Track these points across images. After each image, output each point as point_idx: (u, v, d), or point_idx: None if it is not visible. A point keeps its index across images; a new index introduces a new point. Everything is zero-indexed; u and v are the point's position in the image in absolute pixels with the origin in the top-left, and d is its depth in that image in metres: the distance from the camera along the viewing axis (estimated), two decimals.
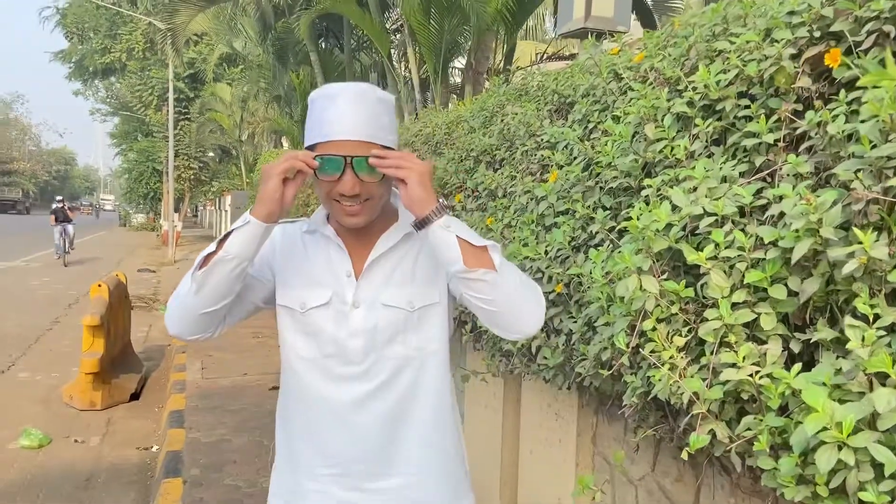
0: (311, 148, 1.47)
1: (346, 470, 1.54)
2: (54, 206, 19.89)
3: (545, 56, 7.92)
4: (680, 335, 1.51)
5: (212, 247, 1.45)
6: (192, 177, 25.25)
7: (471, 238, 1.39)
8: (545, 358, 2.28)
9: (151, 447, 5.28)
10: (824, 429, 1.10)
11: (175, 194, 23.08)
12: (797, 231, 1.26)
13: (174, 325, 1.52)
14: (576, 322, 2.12)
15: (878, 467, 1.09)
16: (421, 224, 1.41)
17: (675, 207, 1.58)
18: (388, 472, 1.54)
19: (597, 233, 2.07)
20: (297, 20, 9.98)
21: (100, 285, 6.58)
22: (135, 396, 6.54)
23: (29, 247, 23.72)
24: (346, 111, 1.43)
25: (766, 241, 1.35)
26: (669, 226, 1.58)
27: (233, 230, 1.43)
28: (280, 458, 1.66)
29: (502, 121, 3.14)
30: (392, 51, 9.73)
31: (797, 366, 1.23)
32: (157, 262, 19.45)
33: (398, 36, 9.98)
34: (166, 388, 6.66)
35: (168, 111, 21.25)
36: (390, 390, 1.53)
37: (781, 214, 1.35)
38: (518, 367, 2.59)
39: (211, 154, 29.68)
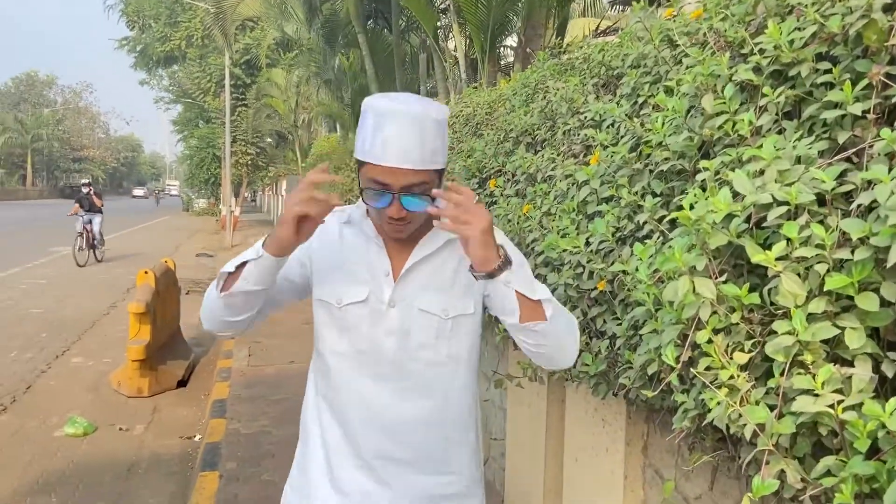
0: (360, 163, 1.44)
1: (370, 464, 1.56)
2: (83, 190, 15.99)
3: (598, 31, 7.53)
4: (742, 350, 1.25)
5: (231, 266, 1.46)
6: (250, 162, 25.52)
7: (528, 291, 1.39)
8: (586, 364, 2.03)
9: (194, 436, 5.23)
10: None
11: (233, 179, 23.40)
12: (895, 226, 0.98)
13: (207, 324, 1.57)
14: (620, 324, 1.86)
15: None
16: (481, 277, 1.40)
17: (736, 194, 1.31)
18: (417, 469, 1.56)
19: (644, 223, 1.81)
20: (343, 1, 9.81)
21: (146, 272, 6.58)
22: (182, 383, 6.53)
23: None
24: (397, 136, 1.37)
25: (854, 238, 1.08)
26: (730, 217, 1.30)
27: (248, 261, 1.44)
28: (309, 439, 1.66)
29: (544, 98, 2.87)
30: (440, 31, 9.46)
31: (894, 400, 0.95)
32: (216, 247, 19.76)
33: (447, 15, 9.70)
34: (213, 375, 6.64)
35: (225, 97, 21.48)
36: (420, 393, 1.54)
37: (873, 204, 1.07)
38: (558, 371, 2.34)
39: (269, 140, 30.00)
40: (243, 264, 1.43)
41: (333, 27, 11.71)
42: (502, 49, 9.92)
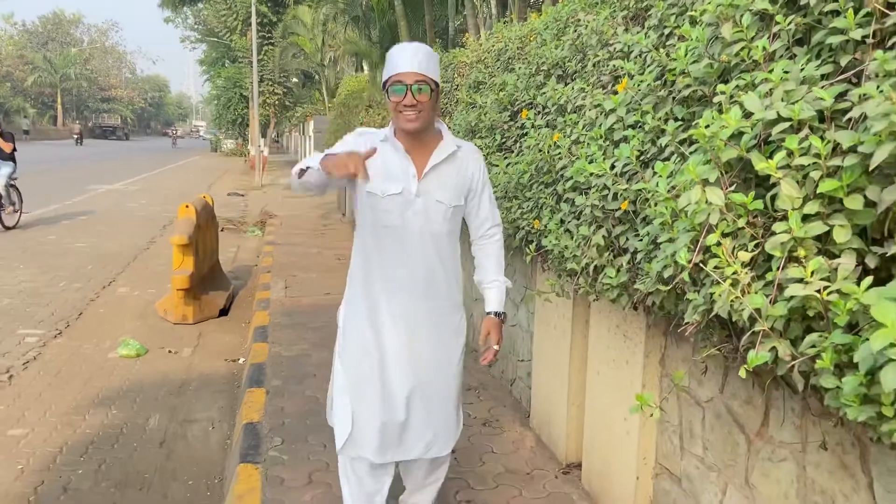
0: (387, 81, 2.23)
1: (400, 287, 2.38)
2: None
3: None
4: (746, 250, 1.43)
5: (303, 164, 2.28)
6: (277, 102, 25.66)
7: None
8: (609, 277, 2.22)
9: (238, 359, 5.57)
10: (892, 345, 1.02)
11: (261, 120, 23.55)
12: (878, 134, 1.14)
13: (293, 190, 2.39)
14: (641, 240, 2.05)
15: None
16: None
17: (748, 114, 1.47)
18: (426, 298, 2.38)
19: (666, 146, 1.97)
20: None
21: (187, 206, 6.85)
22: (223, 312, 6.86)
23: (128, 171, 24.99)
24: (408, 56, 2.22)
25: (845, 147, 1.24)
26: (741, 134, 1.47)
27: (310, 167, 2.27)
28: (356, 283, 2.47)
29: (575, 31, 2.99)
30: None
31: (868, 279, 1.14)
32: (246, 187, 20.10)
33: None
34: (252, 306, 6.97)
35: (252, 36, 21.45)
36: (428, 251, 2.35)
37: (864, 117, 1.22)
38: (583, 286, 2.55)
39: (294, 80, 29.98)
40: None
41: None
42: None
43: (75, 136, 49.49)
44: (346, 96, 13.60)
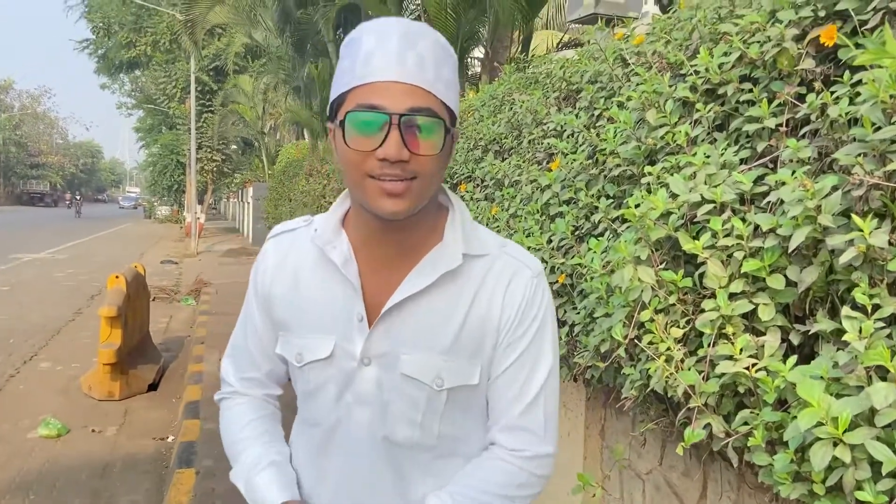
0: (341, 97, 1.01)
1: None
2: None
3: (561, 44, 7.81)
4: (678, 326, 1.46)
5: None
6: (215, 169, 25.43)
7: None
8: None
9: (167, 437, 5.32)
10: (819, 424, 1.05)
11: (198, 186, 23.27)
12: (795, 218, 1.21)
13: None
14: (578, 314, 2.08)
15: (875, 465, 1.04)
16: None
17: (675, 195, 1.53)
18: None
19: (600, 222, 2.03)
20: (318, 12, 9.97)
21: (117, 276, 6.63)
22: (153, 387, 6.58)
23: (55, 239, 24.13)
24: (395, 47, 0.97)
25: (765, 230, 1.30)
26: (669, 214, 1.53)
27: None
28: None
29: (510, 109, 3.09)
30: None
31: (793, 358, 1.18)
32: (181, 254, 19.65)
33: None
34: (184, 380, 6.71)
35: (191, 103, 21.40)
36: (394, 469, 1.14)
37: (781, 201, 1.29)
38: None
39: (234, 146, 29.86)
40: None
41: (303, 36, 11.86)
42: (470, 60, 10.18)
43: (68, 203, 57.19)
44: (286, 164, 13.63)
